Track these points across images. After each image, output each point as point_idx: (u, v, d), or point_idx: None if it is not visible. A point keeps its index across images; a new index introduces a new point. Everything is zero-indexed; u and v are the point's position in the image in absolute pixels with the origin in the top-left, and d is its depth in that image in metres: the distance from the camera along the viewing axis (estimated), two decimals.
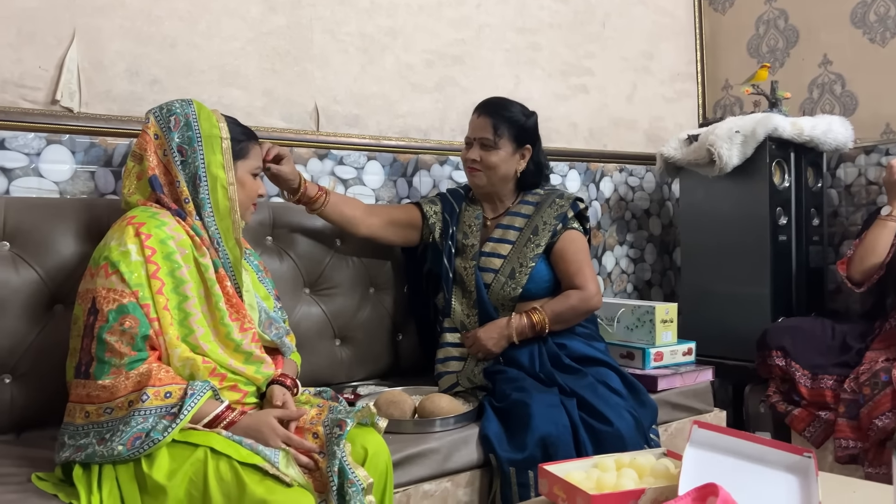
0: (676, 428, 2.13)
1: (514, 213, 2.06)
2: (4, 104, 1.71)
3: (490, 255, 2.02)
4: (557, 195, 2.07)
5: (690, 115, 3.26)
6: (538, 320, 1.93)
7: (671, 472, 1.26)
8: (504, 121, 1.99)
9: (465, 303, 2.03)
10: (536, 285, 1.98)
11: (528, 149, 2.04)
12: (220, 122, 1.55)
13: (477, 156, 2.00)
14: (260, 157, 1.66)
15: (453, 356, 2.01)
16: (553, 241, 2.01)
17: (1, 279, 1.59)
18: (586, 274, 2.00)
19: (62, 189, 1.78)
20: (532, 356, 1.93)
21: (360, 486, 1.40)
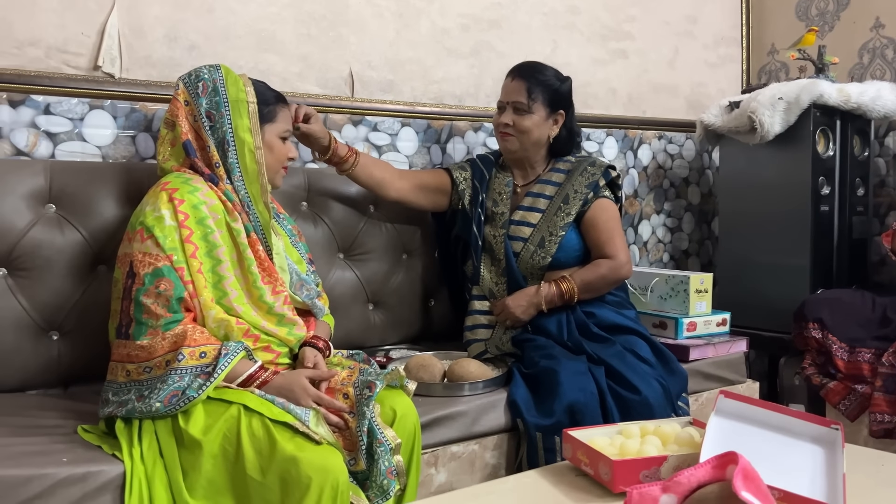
0: (707, 398, 2.12)
1: (545, 181, 2.05)
2: (49, 70, 1.76)
3: (520, 224, 2.01)
4: (589, 163, 2.05)
5: (734, 81, 3.17)
6: (567, 289, 1.93)
7: (695, 440, 1.26)
8: (538, 84, 1.97)
9: (494, 270, 2.03)
10: (566, 254, 1.97)
11: (561, 114, 2.02)
12: (247, 86, 1.56)
13: (510, 120, 1.98)
14: (289, 120, 1.66)
15: (481, 324, 2.02)
16: (584, 209, 1.99)
17: (47, 240, 1.65)
18: (617, 243, 1.98)
19: (104, 153, 1.83)
20: (560, 324, 1.93)
21: (388, 446, 1.44)
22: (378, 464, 1.42)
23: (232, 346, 1.41)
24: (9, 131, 1.71)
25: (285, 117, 1.64)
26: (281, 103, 1.64)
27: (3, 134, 1.71)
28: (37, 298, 1.64)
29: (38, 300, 1.64)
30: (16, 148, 1.72)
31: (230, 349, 1.41)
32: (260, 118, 1.57)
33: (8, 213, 1.61)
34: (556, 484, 1.22)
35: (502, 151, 2.08)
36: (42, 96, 1.75)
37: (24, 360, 1.64)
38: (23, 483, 1.22)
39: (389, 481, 1.43)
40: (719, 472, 0.99)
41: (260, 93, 1.59)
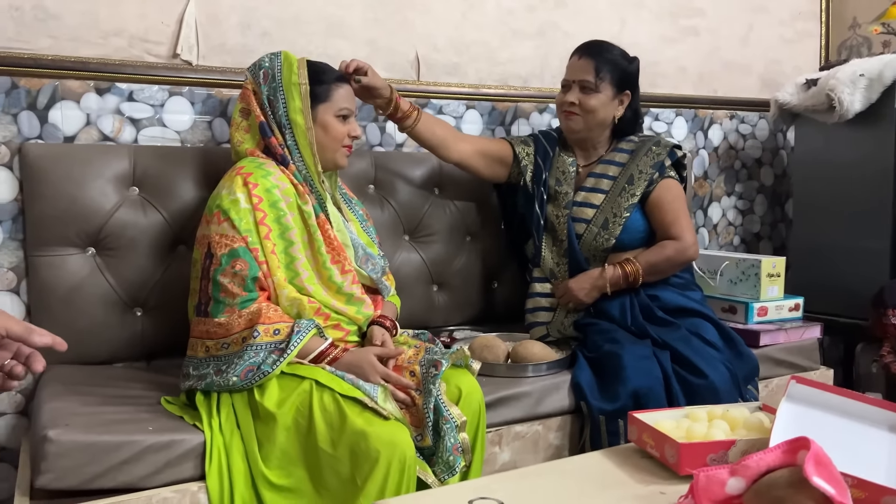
0: (778, 384, 2.07)
1: (608, 161, 2.01)
2: (132, 58, 1.84)
3: (582, 205, 1.98)
4: (654, 142, 2.00)
5: (811, 58, 3.05)
6: (632, 271, 1.90)
7: (765, 425, 1.24)
8: (606, 63, 1.93)
9: (556, 251, 2.01)
10: (630, 236, 1.94)
11: (627, 94, 1.98)
12: (301, 68, 1.59)
13: (575, 98, 1.94)
14: (347, 98, 1.65)
15: (542, 306, 2.02)
16: (649, 189, 1.95)
17: (131, 221, 1.74)
18: (683, 224, 1.94)
19: (183, 138, 1.91)
20: (623, 308, 1.91)
21: (454, 423, 1.47)
22: (444, 440, 1.45)
23: (304, 324, 1.47)
24: (96, 118, 1.81)
25: (342, 96, 1.64)
26: (338, 82, 1.64)
27: (91, 120, 1.80)
28: (122, 276, 1.74)
29: (124, 278, 1.74)
30: (102, 133, 1.82)
31: (302, 327, 1.46)
32: (314, 98, 1.59)
33: (96, 195, 1.71)
34: (620, 465, 1.23)
35: (565, 131, 2.03)
36: (126, 84, 1.83)
37: (112, 334, 1.74)
38: (114, 448, 1.30)
39: (455, 458, 1.46)
40: (790, 456, 0.97)
41: (316, 73, 1.61)
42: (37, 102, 1.74)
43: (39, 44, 1.74)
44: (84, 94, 1.79)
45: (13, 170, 1.71)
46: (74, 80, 1.78)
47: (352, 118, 1.66)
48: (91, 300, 1.71)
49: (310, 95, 1.58)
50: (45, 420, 1.35)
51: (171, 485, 1.35)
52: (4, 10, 1.70)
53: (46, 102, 1.75)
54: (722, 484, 0.99)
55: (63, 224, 1.68)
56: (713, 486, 0.99)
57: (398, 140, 2.21)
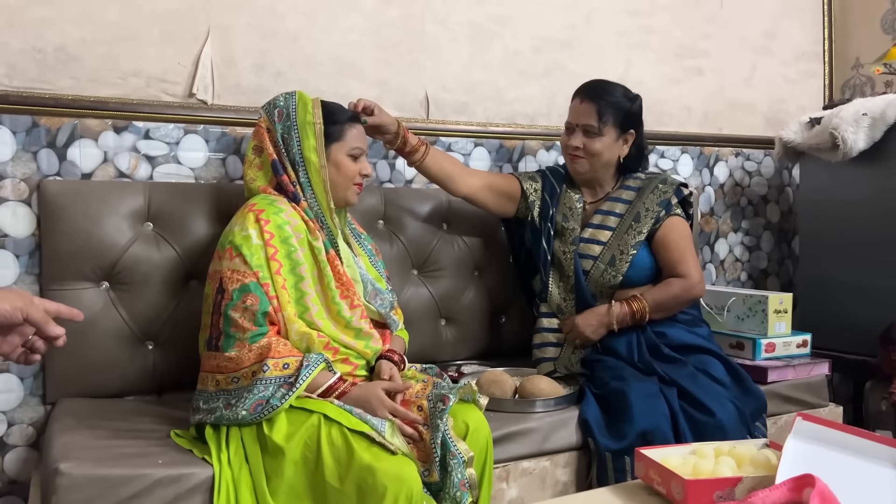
0: (786, 421, 2.06)
1: (615, 198, 2.03)
2: (149, 98, 1.90)
3: (589, 242, 1.99)
4: (660, 180, 2.02)
5: (815, 97, 3.09)
6: (638, 308, 1.91)
7: (772, 462, 1.24)
8: (609, 107, 1.95)
9: (563, 286, 2.02)
10: (637, 273, 1.95)
11: (631, 134, 2.00)
12: (315, 108, 1.64)
13: (580, 143, 1.96)
14: (359, 138, 1.69)
15: (550, 342, 2.02)
16: (656, 227, 1.97)
17: (145, 256, 1.77)
18: (689, 262, 1.95)
19: (197, 175, 1.95)
20: (630, 345, 1.92)
21: (461, 459, 1.47)
22: (451, 476, 1.45)
23: (313, 358, 1.48)
24: (113, 155, 1.85)
25: (355, 136, 1.68)
26: (351, 122, 1.69)
27: (108, 157, 1.85)
28: (135, 310, 1.76)
29: (136, 312, 1.76)
30: (118, 170, 1.86)
31: (311, 361, 1.48)
32: (327, 137, 1.64)
33: (112, 231, 1.74)
34: (627, 501, 1.23)
35: (571, 173, 2.06)
36: (142, 122, 1.88)
37: (123, 368, 1.76)
38: (124, 482, 1.31)
39: (462, 493, 1.46)
40: (795, 494, 0.98)
41: (330, 113, 1.66)
42: (56, 140, 1.79)
43: (60, 84, 1.80)
44: (102, 132, 1.84)
45: (31, 206, 1.75)
46: (93, 119, 1.83)
47: (363, 157, 1.70)
48: (104, 334, 1.73)
49: (324, 135, 1.63)
50: (56, 453, 1.36)
51: None
52: (28, 52, 1.77)
53: (65, 140, 1.80)
54: None
55: (79, 259, 1.72)
56: None
57: (408, 176, 2.25)
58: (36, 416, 1.76)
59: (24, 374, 1.75)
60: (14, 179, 1.74)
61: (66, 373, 1.72)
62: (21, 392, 1.74)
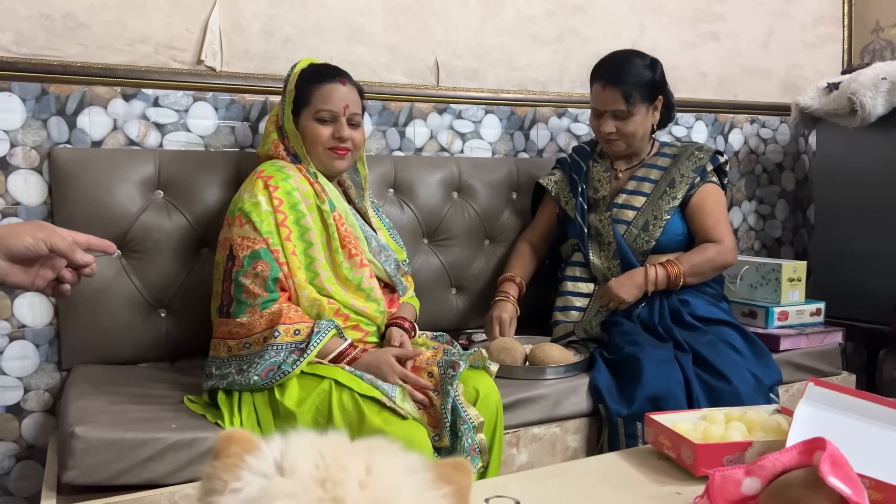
0: (798, 389, 2.05)
1: (650, 164, 2.04)
2: (157, 65, 1.88)
3: (623, 207, 2.00)
4: (696, 147, 2.04)
5: (833, 62, 3.02)
6: (674, 272, 1.90)
7: (783, 428, 1.24)
8: (634, 87, 1.93)
9: (604, 255, 2.01)
10: (669, 238, 1.96)
11: (660, 99, 2.01)
12: (296, 74, 1.63)
13: (612, 127, 1.96)
14: (328, 99, 1.60)
15: (574, 306, 2.02)
16: (690, 193, 1.98)
17: (156, 224, 1.78)
18: (723, 228, 1.96)
19: (207, 143, 1.95)
20: (652, 310, 1.91)
21: (471, 424, 1.48)
22: (462, 441, 1.47)
23: (324, 325, 1.49)
24: (122, 123, 1.85)
25: (321, 97, 1.60)
26: (318, 83, 1.61)
27: (118, 125, 1.85)
28: (147, 278, 1.77)
29: (149, 280, 1.77)
30: (128, 138, 1.86)
31: (322, 327, 1.48)
32: (298, 103, 1.62)
33: (123, 199, 1.75)
34: (637, 466, 1.23)
35: (609, 154, 2.07)
36: (151, 90, 1.87)
37: (137, 335, 1.77)
38: (139, 445, 1.33)
39: (472, 458, 1.47)
40: (806, 457, 0.97)
41: (307, 76, 1.62)
42: (66, 108, 1.78)
43: (69, 51, 1.79)
44: (111, 99, 1.83)
45: (42, 174, 1.76)
46: (102, 87, 1.82)
47: (339, 119, 1.61)
48: (117, 301, 1.75)
49: (298, 101, 1.62)
50: (72, 418, 1.38)
51: (194, 481, 1.37)
52: (35, 18, 1.75)
53: (75, 108, 1.79)
54: (737, 484, 0.99)
55: (90, 227, 1.71)
56: (729, 486, 0.99)
57: (418, 144, 2.24)
58: (52, 383, 1.78)
59: (40, 340, 1.77)
60: (25, 147, 1.74)
61: (80, 340, 1.74)
62: (37, 359, 1.77)
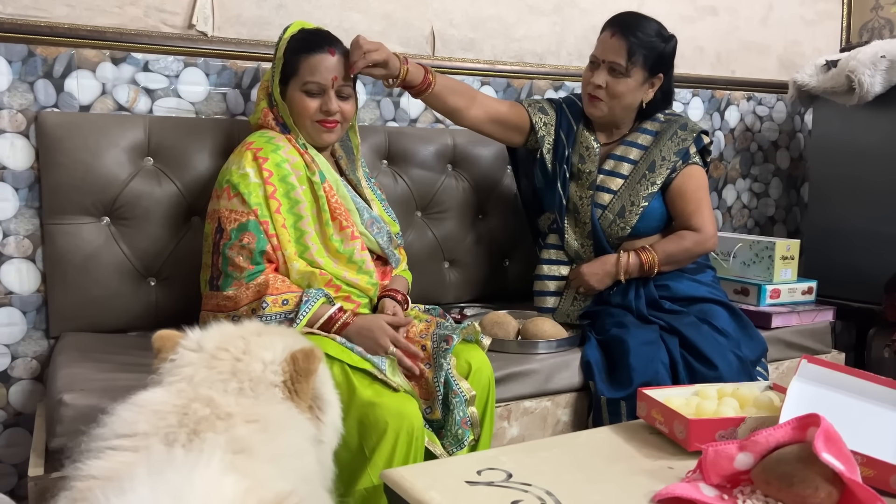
0: (788, 366, 2.07)
1: (630, 142, 1.91)
2: (147, 28, 1.84)
3: (599, 189, 1.89)
4: (679, 125, 1.91)
5: (832, 40, 3.00)
6: (648, 260, 1.84)
7: (775, 404, 1.24)
8: (641, 46, 1.79)
9: (579, 233, 1.92)
10: (646, 224, 1.87)
11: (659, 77, 1.86)
12: (285, 41, 1.57)
13: (603, 81, 1.81)
14: (316, 70, 1.54)
15: (549, 290, 1.95)
16: (672, 177, 1.87)
17: (146, 191, 1.75)
18: (705, 215, 1.87)
19: (198, 109, 1.91)
20: (628, 299, 1.86)
21: (463, 398, 1.48)
22: (453, 414, 1.47)
23: (312, 293, 1.47)
24: (111, 87, 1.81)
25: (309, 68, 1.54)
26: (306, 54, 1.55)
27: (107, 90, 1.80)
28: (136, 246, 1.75)
29: (138, 248, 1.75)
30: (117, 103, 1.82)
31: (311, 296, 1.47)
32: (287, 73, 1.57)
33: (112, 165, 1.71)
34: (628, 440, 1.23)
35: (588, 114, 1.91)
36: (141, 54, 1.83)
37: (126, 303, 1.75)
38: None
39: (464, 431, 1.47)
40: (799, 433, 0.98)
41: (295, 44, 1.56)
42: (53, 71, 1.74)
43: (56, 12, 1.74)
44: (100, 63, 1.79)
45: (29, 137, 1.72)
46: (90, 49, 1.78)
47: (327, 92, 1.55)
48: (106, 269, 1.72)
49: (283, 70, 1.57)
50: (60, 385, 1.37)
51: None
52: None
53: (62, 71, 1.75)
54: (730, 459, 0.99)
55: (79, 193, 1.69)
56: (721, 460, 1.00)
57: (412, 115, 2.21)
58: (40, 350, 1.76)
59: (27, 307, 1.75)
60: (11, 110, 1.70)
61: (68, 307, 1.72)
62: (24, 326, 1.75)
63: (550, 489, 1.04)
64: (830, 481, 0.93)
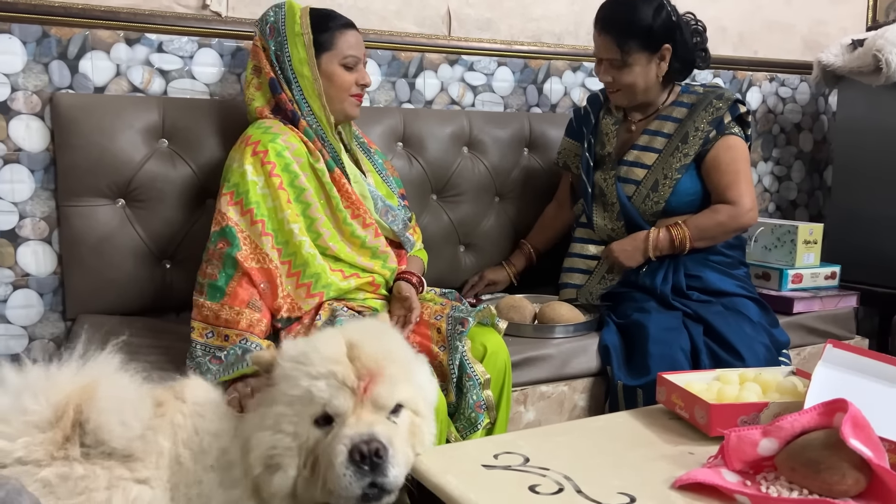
0: (810, 352, 2.03)
1: (665, 116, 1.88)
2: (161, 8, 1.82)
3: (633, 165, 1.87)
4: (715, 95, 1.86)
5: (858, 19, 2.92)
6: (678, 235, 1.79)
7: (798, 389, 1.21)
8: (628, 35, 1.78)
9: (608, 216, 1.91)
10: (680, 199, 1.83)
11: (667, 49, 1.83)
12: (304, 17, 1.55)
13: (609, 77, 1.83)
14: (353, 44, 1.59)
15: (578, 268, 1.96)
16: (705, 149, 1.82)
17: (161, 173, 1.74)
18: (742, 187, 1.80)
19: (212, 91, 1.90)
20: (655, 280, 1.81)
21: (477, 381, 1.46)
22: (466, 397, 1.45)
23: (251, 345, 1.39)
24: (126, 68, 1.80)
25: (348, 43, 1.58)
26: (340, 29, 1.58)
27: (121, 71, 1.79)
28: (151, 228, 1.74)
29: (153, 230, 1.74)
30: (132, 84, 1.81)
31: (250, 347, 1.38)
32: (317, 48, 1.55)
33: (127, 146, 1.71)
34: (648, 425, 1.21)
35: (613, 105, 1.95)
36: (155, 35, 1.82)
37: (142, 286, 1.75)
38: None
39: (478, 415, 1.46)
40: (826, 418, 0.95)
41: (319, 20, 1.56)
42: (67, 52, 1.73)
43: None
44: (114, 44, 1.78)
45: (45, 119, 1.71)
46: (104, 30, 1.76)
47: (360, 66, 1.61)
48: (121, 251, 1.72)
49: (314, 45, 1.55)
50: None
51: None
52: None
53: (77, 52, 1.74)
54: (754, 444, 0.97)
55: (94, 175, 1.69)
56: (745, 446, 0.97)
57: (428, 97, 2.18)
58: (56, 332, 1.77)
59: (44, 289, 1.75)
60: (26, 92, 1.70)
61: (85, 290, 1.72)
62: (41, 308, 1.75)
63: (568, 474, 1.02)
64: (858, 468, 0.90)
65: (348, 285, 1.53)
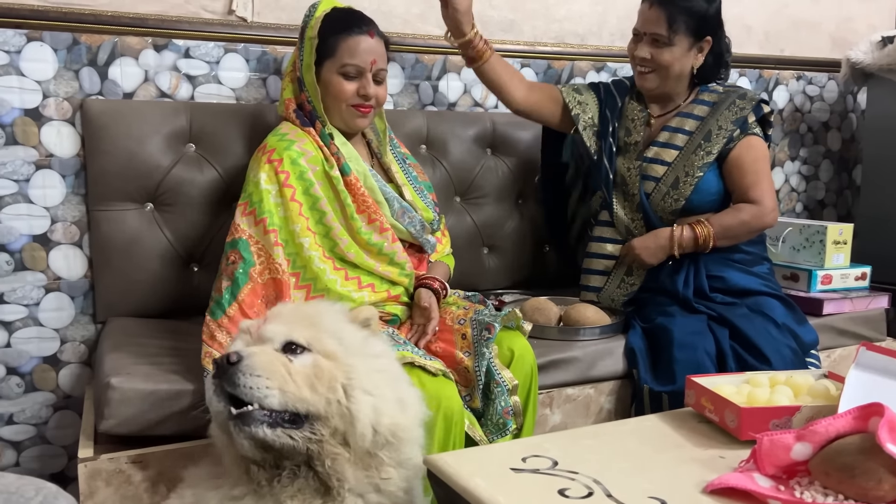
0: (841, 354, 2.00)
1: (686, 113, 1.86)
2: (188, 15, 1.84)
3: (653, 161, 1.84)
4: (738, 95, 1.84)
5: (887, 16, 2.88)
6: (702, 233, 1.77)
7: (830, 393, 1.20)
8: (681, 12, 1.75)
9: (628, 206, 1.87)
10: (701, 197, 1.81)
11: (707, 41, 1.80)
12: (319, 19, 1.49)
13: (647, 53, 1.78)
14: (355, 53, 1.50)
15: (597, 269, 1.92)
16: (728, 148, 1.80)
17: (188, 178, 1.76)
18: (764, 187, 1.79)
19: (238, 95, 1.91)
20: (677, 282, 1.80)
21: (505, 387, 1.46)
22: (494, 404, 1.45)
23: None
24: (154, 74, 1.82)
25: (349, 50, 1.49)
26: (344, 34, 1.50)
27: (149, 77, 1.82)
28: (179, 232, 1.76)
29: (181, 234, 1.76)
30: (160, 90, 1.83)
31: None
32: (321, 53, 1.50)
33: (155, 151, 1.73)
34: (677, 428, 1.20)
35: (640, 89, 1.89)
36: (182, 41, 1.84)
37: (170, 289, 1.77)
38: (173, 397, 1.34)
39: (506, 421, 1.46)
40: (861, 423, 0.94)
41: (330, 24, 1.49)
42: (97, 59, 1.76)
43: (99, 0, 1.76)
44: (142, 50, 1.80)
45: (75, 125, 1.74)
46: (133, 37, 1.79)
47: (365, 75, 1.52)
48: (149, 255, 1.74)
49: (320, 50, 1.50)
50: (107, 369, 1.39)
51: None
52: None
53: (106, 59, 1.77)
54: (787, 449, 0.96)
55: (123, 179, 1.71)
56: (777, 450, 0.96)
57: (451, 99, 2.18)
58: (87, 335, 1.79)
59: (75, 293, 1.78)
60: (57, 98, 1.73)
61: (114, 293, 1.74)
62: (72, 311, 1.78)
63: (598, 477, 1.01)
64: (894, 473, 0.89)
65: (361, 298, 1.51)
